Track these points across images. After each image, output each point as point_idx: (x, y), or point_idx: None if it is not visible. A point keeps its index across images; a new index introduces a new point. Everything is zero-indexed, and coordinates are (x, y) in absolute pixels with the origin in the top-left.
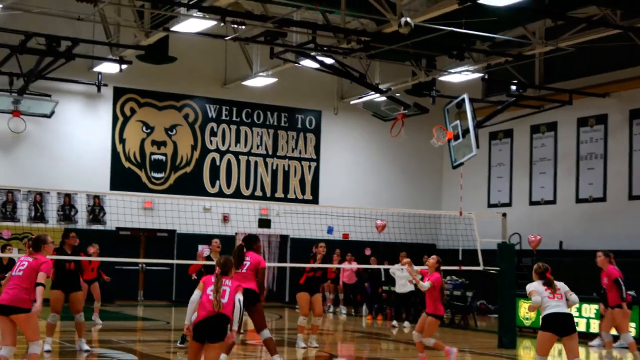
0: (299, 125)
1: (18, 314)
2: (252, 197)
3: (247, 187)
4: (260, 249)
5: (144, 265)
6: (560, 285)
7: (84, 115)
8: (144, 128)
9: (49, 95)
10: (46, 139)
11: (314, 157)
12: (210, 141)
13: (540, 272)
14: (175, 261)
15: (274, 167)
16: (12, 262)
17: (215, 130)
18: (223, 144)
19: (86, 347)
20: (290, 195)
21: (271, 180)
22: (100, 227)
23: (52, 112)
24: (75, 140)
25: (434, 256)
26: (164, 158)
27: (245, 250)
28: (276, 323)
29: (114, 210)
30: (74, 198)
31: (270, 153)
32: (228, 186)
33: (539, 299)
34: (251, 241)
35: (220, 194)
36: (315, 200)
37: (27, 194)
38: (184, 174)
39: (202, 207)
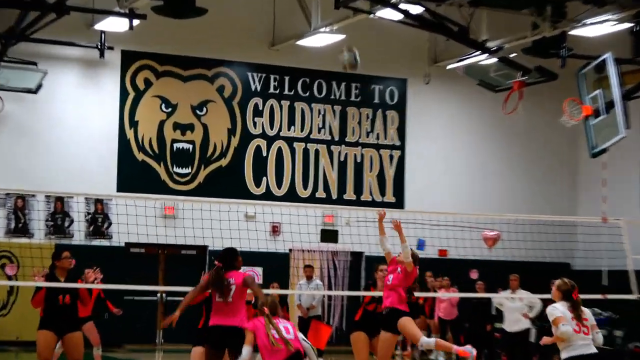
0: (376, 100)
1: None
2: (312, 199)
3: (305, 187)
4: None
5: (164, 294)
6: (587, 314)
7: (82, 90)
8: (164, 106)
9: (35, 64)
10: (30, 123)
11: (397, 143)
12: (254, 123)
13: (565, 291)
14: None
15: (342, 158)
16: None
17: (260, 108)
18: (271, 127)
19: None
20: (365, 197)
21: (338, 176)
22: (104, 242)
23: (39, 86)
24: (69, 124)
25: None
26: (190, 147)
27: (224, 271)
28: None
29: (122, 220)
30: (68, 203)
31: (336, 139)
32: (279, 185)
33: (570, 330)
34: (231, 258)
35: (268, 196)
36: (399, 204)
37: (5, 197)
38: (217, 168)
39: (243, 214)
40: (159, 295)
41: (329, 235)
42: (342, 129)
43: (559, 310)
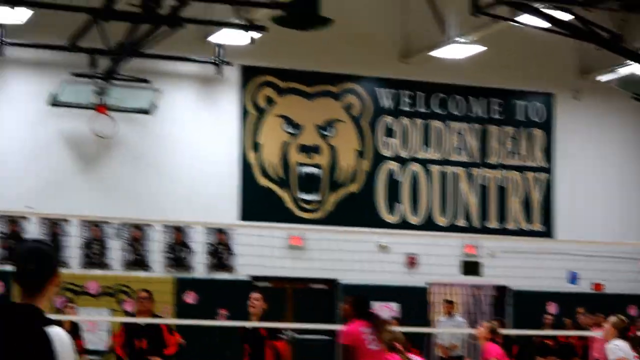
0: (521, 117)
1: None
2: (452, 228)
3: (444, 214)
4: None
5: (292, 333)
6: None
7: (199, 110)
8: (288, 127)
9: (148, 81)
10: (145, 146)
11: (545, 165)
12: (385, 144)
13: (622, 329)
14: (337, 326)
15: (484, 182)
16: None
17: (391, 127)
18: (405, 148)
19: None
20: (510, 225)
21: (480, 202)
22: (227, 275)
23: (153, 106)
24: (187, 147)
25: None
26: (317, 171)
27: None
28: None
29: (246, 251)
30: (187, 233)
31: (477, 161)
32: (414, 213)
33: None
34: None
35: (403, 225)
36: (548, 233)
37: (121, 227)
38: (347, 195)
39: (376, 244)
40: (285, 333)
41: (470, 268)
42: (483, 150)
43: (620, 349)
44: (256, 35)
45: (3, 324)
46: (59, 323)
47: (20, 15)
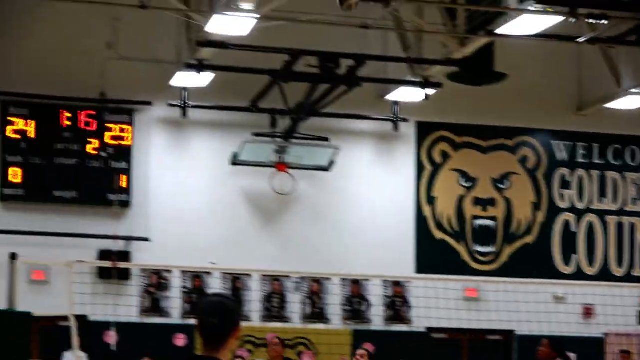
0: None
1: None
2: (628, 278)
3: (620, 264)
4: None
5: None
6: None
7: (376, 166)
8: (463, 180)
9: (326, 139)
10: (323, 202)
11: None
12: (561, 196)
13: None
14: None
15: None
16: None
17: (567, 179)
18: (580, 199)
19: None
20: None
21: None
22: (403, 327)
23: (332, 163)
24: (364, 202)
25: None
26: (492, 224)
27: None
28: None
29: (422, 303)
30: (365, 286)
31: None
32: (590, 263)
33: None
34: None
35: (579, 276)
36: None
37: (300, 281)
38: (523, 246)
39: (552, 295)
40: None
41: None
42: None
43: None
44: (431, 91)
45: None
46: None
47: (204, 79)
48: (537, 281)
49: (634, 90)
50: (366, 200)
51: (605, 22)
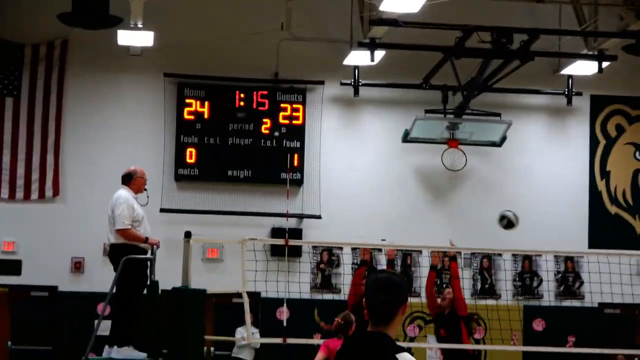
0: None
1: None
2: None
3: None
4: None
5: None
6: None
7: (548, 140)
8: (638, 154)
9: (499, 115)
10: (494, 177)
11: None
12: None
13: None
14: None
15: None
16: None
17: None
18: None
19: None
20: None
21: None
22: (575, 302)
23: (504, 138)
24: (535, 177)
25: None
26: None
27: None
28: None
29: (595, 279)
30: (536, 262)
31: None
32: None
33: None
34: None
35: None
36: None
37: (471, 256)
38: None
39: None
40: None
41: None
42: None
43: None
44: (605, 64)
45: (356, 350)
46: (408, 350)
47: (376, 57)
48: None
49: None
50: (538, 175)
51: None
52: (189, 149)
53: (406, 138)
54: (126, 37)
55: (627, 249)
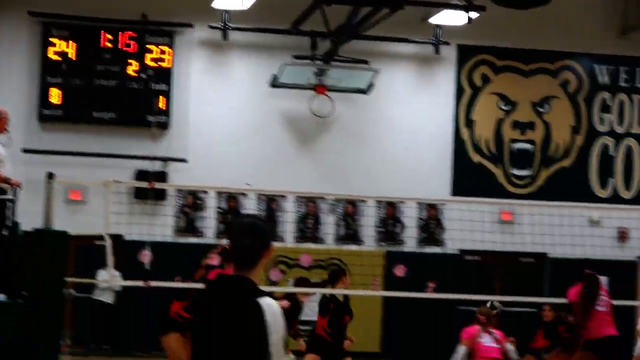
0: None
1: None
2: None
3: None
4: None
5: (500, 304)
6: None
7: (415, 89)
8: (502, 104)
9: (366, 62)
10: (361, 125)
11: None
12: (601, 120)
13: None
14: (545, 299)
15: None
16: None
17: (608, 103)
18: (620, 124)
19: None
20: None
21: None
22: (436, 249)
23: (371, 86)
24: (401, 125)
25: None
26: (530, 147)
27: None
28: None
29: (456, 226)
30: (399, 208)
31: None
32: (627, 187)
33: None
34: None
35: (616, 200)
36: None
37: (335, 203)
38: (559, 170)
39: (587, 219)
40: (493, 304)
41: None
42: None
43: None
44: (474, 15)
45: (219, 293)
46: (270, 295)
47: (245, 1)
48: (573, 204)
49: None
50: (404, 123)
51: None
52: (53, 90)
53: (274, 83)
54: None
55: (489, 197)
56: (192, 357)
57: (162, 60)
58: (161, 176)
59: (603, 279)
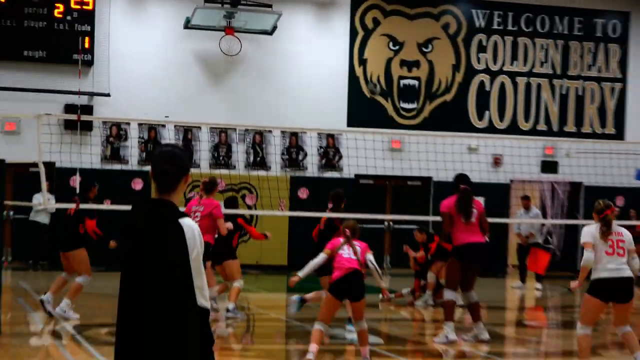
0: (598, 34)
1: None
2: (533, 132)
3: (527, 120)
4: None
5: (391, 223)
6: (625, 236)
7: (314, 30)
8: (391, 44)
9: (270, 6)
10: (266, 63)
11: (619, 76)
12: (478, 59)
13: (599, 211)
14: (430, 217)
15: (564, 92)
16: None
17: (484, 43)
18: (495, 62)
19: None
20: (585, 129)
21: (559, 109)
22: (335, 174)
23: (274, 28)
24: (302, 63)
25: None
26: (416, 83)
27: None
28: None
29: (352, 153)
30: (302, 138)
31: (558, 72)
32: (501, 119)
33: (590, 258)
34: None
35: (491, 129)
36: (619, 136)
37: (245, 133)
38: (442, 103)
39: (466, 146)
40: (386, 223)
41: (549, 166)
42: (564, 63)
43: (589, 233)
44: None
45: (143, 215)
46: (189, 215)
47: None
48: (454, 134)
49: None
50: (305, 61)
51: None
52: None
53: (187, 25)
54: None
55: (380, 127)
56: (122, 272)
57: (86, 3)
58: (88, 109)
59: (480, 199)
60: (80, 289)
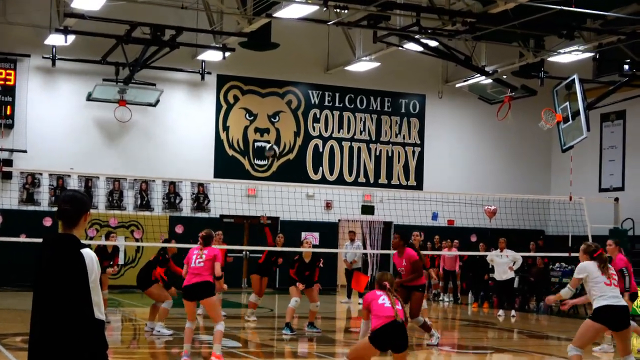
0: (403, 110)
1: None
2: (355, 183)
3: (350, 174)
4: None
5: (247, 252)
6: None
7: (188, 104)
8: (247, 115)
9: (154, 84)
10: (151, 128)
11: (418, 142)
12: (313, 127)
13: (591, 252)
14: (280, 248)
15: (377, 153)
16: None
17: (318, 116)
18: (326, 130)
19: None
20: (394, 182)
21: (374, 166)
22: (204, 214)
23: (157, 101)
24: (179, 129)
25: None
26: (267, 145)
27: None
28: None
29: (217, 198)
30: (178, 186)
31: (373, 139)
32: (331, 173)
33: (568, 293)
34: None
35: (323, 181)
36: (419, 186)
37: (134, 182)
38: (286, 160)
39: (305, 194)
40: (243, 253)
41: (367, 210)
42: (378, 132)
43: (584, 270)
44: (228, 53)
45: (51, 247)
46: (88, 246)
47: (68, 39)
48: (296, 184)
49: (363, 58)
50: (181, 127)
51: (346, 11)
52: None
53: (89, 97)
54: None
55: (240, 179)
56: (33, 291)
57: (9, 80)
58: (8, 162)
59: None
60: None
